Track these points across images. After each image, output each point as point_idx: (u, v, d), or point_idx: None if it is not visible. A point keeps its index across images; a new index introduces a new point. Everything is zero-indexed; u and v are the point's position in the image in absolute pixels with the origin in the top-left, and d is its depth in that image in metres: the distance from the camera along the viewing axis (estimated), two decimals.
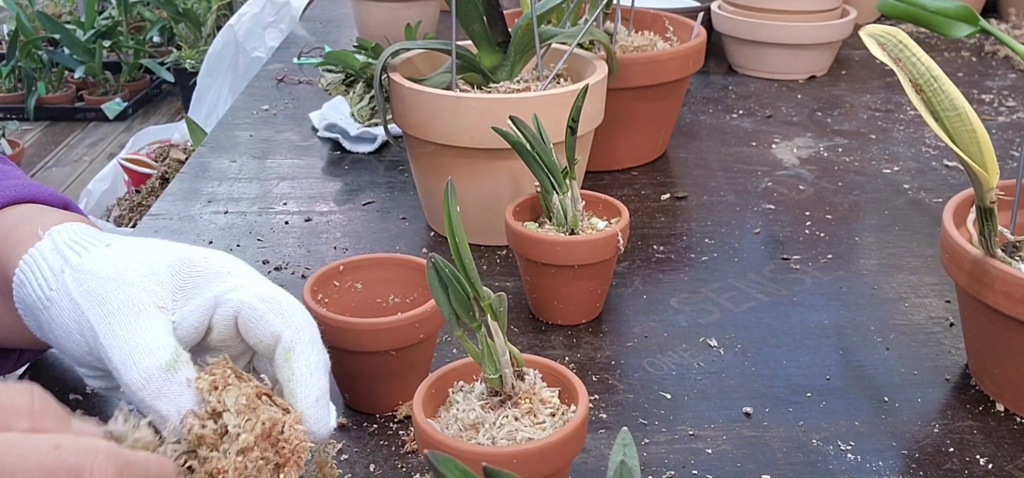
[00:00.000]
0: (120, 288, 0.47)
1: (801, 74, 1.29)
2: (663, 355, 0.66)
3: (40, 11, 3.58)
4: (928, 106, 0.57)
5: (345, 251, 0.81)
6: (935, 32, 0.75)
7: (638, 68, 0.91)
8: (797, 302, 0.73)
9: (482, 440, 0.48)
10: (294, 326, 0.49)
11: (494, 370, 0.49)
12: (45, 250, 0.50)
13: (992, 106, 1.19)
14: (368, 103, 1.10)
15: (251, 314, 0.49)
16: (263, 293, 0.49)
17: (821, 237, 0.83)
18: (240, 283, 0.50)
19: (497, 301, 0.48)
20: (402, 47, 0.82)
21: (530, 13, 0.79)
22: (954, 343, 0.67)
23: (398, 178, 0.96)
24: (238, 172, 0.98)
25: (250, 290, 0.50)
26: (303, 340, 0.48)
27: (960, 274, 0.59)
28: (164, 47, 3.84)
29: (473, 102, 0.75)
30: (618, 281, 0.76)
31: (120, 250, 0.50)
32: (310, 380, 0.48)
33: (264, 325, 0.49)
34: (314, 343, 0.49)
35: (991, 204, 0.56)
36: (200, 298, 0.49)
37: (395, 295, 0.63)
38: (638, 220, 0.86)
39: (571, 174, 0.68)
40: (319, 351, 0.49)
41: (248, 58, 2.20)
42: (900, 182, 0.95)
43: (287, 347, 0.48)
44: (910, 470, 0.55)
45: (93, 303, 0.47)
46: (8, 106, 3.54)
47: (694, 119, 1.13)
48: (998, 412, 0.60)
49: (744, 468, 0.55)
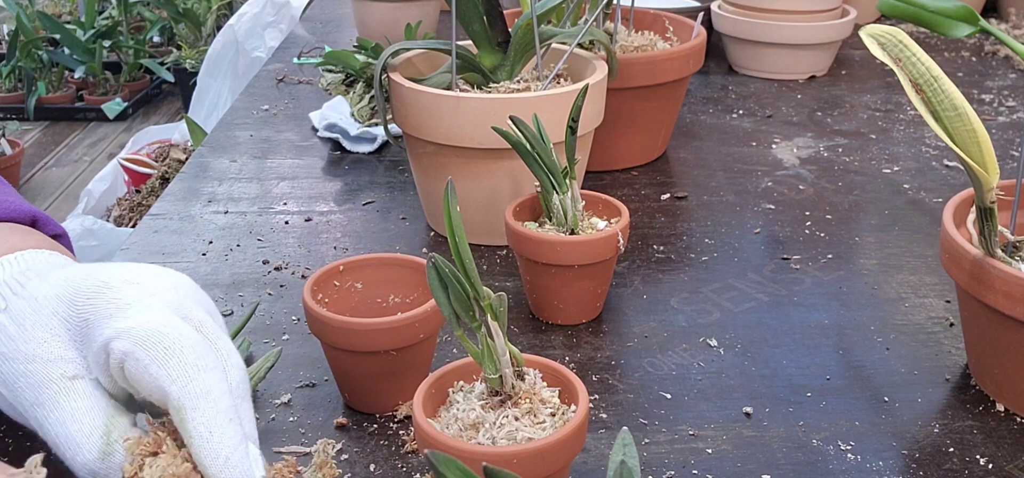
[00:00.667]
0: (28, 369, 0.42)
1: (801, 74, 1.29)
2: (663, 355, 0.66)
3: (40, 11, 3.58)
4: (928, 106, 0.57)
5: (345, 251, 0.81)
6: (935, 32, 0.75)
7: (638, 68, 0.91)
8: (797, 302, 0.73)
9: (482, 440, 0.48)
10: (180, 379, 0.40)
11: (494, 370, 0.49)
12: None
13: (992, 106, 1.19)
14: (368, 103, 1.10)
15: (134, 367, 0.41)
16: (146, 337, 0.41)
17: (821, 237, 0.83)
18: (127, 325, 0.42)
19: (497, 301, 0.48)
20: (402, 47, 0.82)
21: (530, 13, 0.79)
22: (954, 343, 0.67)
23: (398, 178, 0.96)
24: (238, 172, 0.98)
25: (133, 334, 0.41)
26: (194, 393, 0.40)
27: (960, 274, 0.59)
28: (164, 47, 3.84)
29: (473, 102, 0.75)
30: (618, 281, 0.76)
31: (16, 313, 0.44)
32: (211, 440, 0.40)
33: (148, 379, 0.41)
34: (210, 393, 0.40)
35: (991, 204, 0.56)
36: (95, 346, 0.42)
37: (395, 295, 0.63)
38: (638, 220, 0.86)
39: (571, 174, 0.68)
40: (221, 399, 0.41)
41: (248, 58, 2.19)
42: (900, 182, 0.95)
43: (177, 405, 0.40)
44: (910, 470, 0.55)
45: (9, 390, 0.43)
46: (8, 106, 3.54)
47: (694, 119, 1.13)
48: (998, 412, 0.60)
49: (744, 468, 0.55)
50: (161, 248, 0.81)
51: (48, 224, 0.57)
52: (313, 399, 0.61)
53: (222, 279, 0.76)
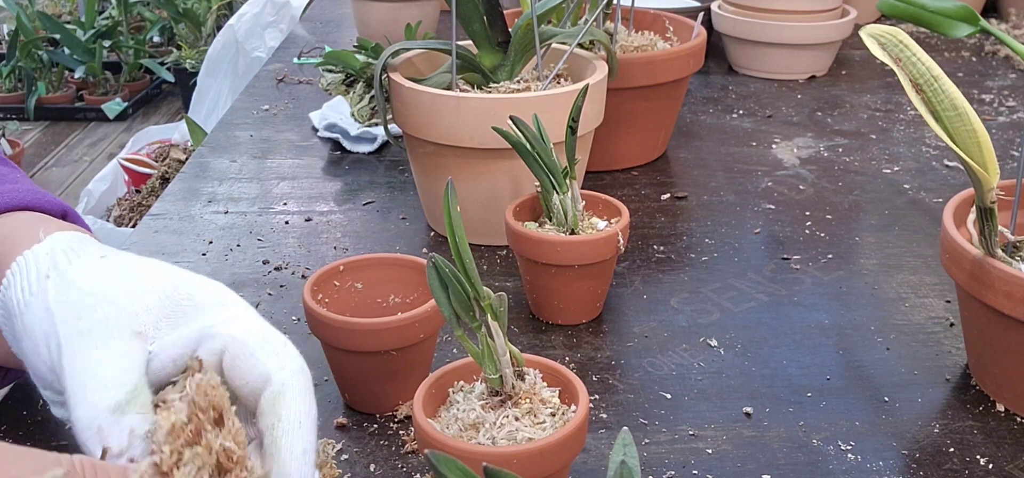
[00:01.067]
0: (99, 306, 0.43)
1: (801, 74, 1.29)
2: (663, 355, 0.66)
3: (40, 11, 3.58)
4: (928, 106, 0.57)
5: (345, 251, 0.81)
6: (935, 32, 0.75)
7: (638, 68, 0.91)
8: (797, 302, 0.73)
9: (482, 440, 0.48)
10: (289, 369, 0.43)
11: (494, 370, 0.49)
12: (39, 253, 0.47)
13: (992, 106, 1.19)
14: (368, 103, 1.10)
15: (240, 350, 0.43)
16: (257, 329, 0.44)
17: (821, 237, 0.83)
18: (233, 315, 0.45)
19: (497, 301, 0.48)
20: (402, 47, 0.82)
21: (530, 13, 0.79)
22: (954, 343, 0.67)
23: (398, 178, 0.96)
24: (238, 172, 0.98)
25: (243, 324, 0.44)
26: (296, 387, 0.43)
27: (960, 274, 0.59)
28: (164, 47, 3.83)
29: (473, 102, 0.75)
30: (618, 281, 0.76)
31: (112, 264, 0.46)
32: (298, 431, 0.41)
33: (253, 364, 0.43)
34: (307, 393, 0.43)
35: (991, 204, 0.56)
36: (186, 329, 0.44)
37: (395, 295, 0.63)
38: (638, 220, 0.86)
39: (571, 174, 0.68)
40: (311, 402, 0.43)
41: (248, 58, 2.20)
42: (900, 182, 0.95)
43: (276, 391, 0.42)
44: (910, 470, 0.55)
45: (67, 315, 0.43)
46: (8, 106, 3.54)
47: (694, 119, 1.13)
48: (998, 412, 0.60)
49: (744, 468, 0.55)
50: (161, 248, 0.81)
51: (77, 220, 0.57)
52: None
53: (222, 279, 0.75)
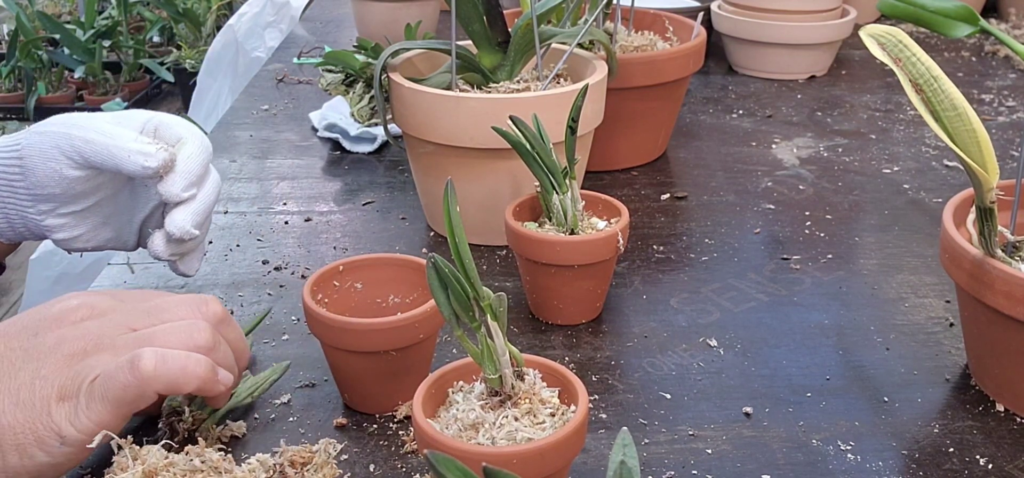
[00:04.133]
0: (82, 114, 0.60)
1: (801, 74, 1.29)
2: (663, 355, 0.66)
3: (40, 11, 3.57)
4: (928, 106, 0.57)
5: (345, 251, 0.81)
6: (935, 32, 0.75)
7: (638, 68, 0.91)
8: (797, 302, 0.73)
9: (482, 440, 0.48)
10: (188, 134, 0.61)
11: (494, 370, 0.49)
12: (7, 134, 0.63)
13: (992, 106, 1.19)
14: (368, 103, 1.10)
15: (163, 122, 0.61)
16: (174, 118, 0.62)
17: (821, 237, 0.83)
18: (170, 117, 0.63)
19: (497, 301, 0.48)
20: (402, 47, 0.82)
21: (530, 13, 0.79)
22: (954, 343, 0.67)
23: (398, 178, 0.96)
24: (238, 172, 0.98)
25: (166, 117, 0.62)
26: (193, 141, 0.61)
27: (960, 274, 0.59)
28: (164, 47, 3.83)
29: (473, 102, 0.75)
30: (618, 281, 0.75)
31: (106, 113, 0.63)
32: (192, 145, 0.60)
33: (174, 129, 0.61)
34: (203, 140, 0.61)
35: (991, 204, 0.56)
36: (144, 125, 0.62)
37: (395, 295, 0.63)
38: (638, 220, 0.86)
39: (571, 174, 0.68)
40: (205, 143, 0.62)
41: (248, 58, 2.19)
42: (900, 182, 0.95)
43: (180, 138, 0.61)
44: (910, 470, 0.55)
45: (65, 123, 0.59)
46: (8, 106, 3.54)
47: (694, 119, 1.13)
48: (998, 412, 0.60)
49: (744, 468, 0.55)
50: None
51: None
52: (313, 399, 0.61)
53: (222, 279, 0.76)
